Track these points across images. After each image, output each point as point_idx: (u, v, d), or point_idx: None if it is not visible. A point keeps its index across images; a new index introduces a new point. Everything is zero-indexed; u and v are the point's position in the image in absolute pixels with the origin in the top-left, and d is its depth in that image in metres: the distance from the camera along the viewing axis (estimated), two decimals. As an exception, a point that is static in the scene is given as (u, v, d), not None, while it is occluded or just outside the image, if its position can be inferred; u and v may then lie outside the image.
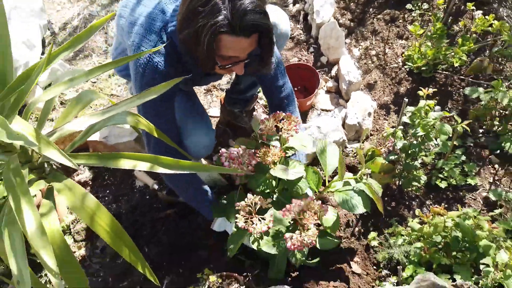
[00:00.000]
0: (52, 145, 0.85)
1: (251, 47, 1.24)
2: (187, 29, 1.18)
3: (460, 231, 1.40)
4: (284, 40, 1.77)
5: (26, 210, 1.00)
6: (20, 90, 0.94)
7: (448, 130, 1.49)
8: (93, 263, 1.80)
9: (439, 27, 2.00)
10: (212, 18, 1.11)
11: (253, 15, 1.13)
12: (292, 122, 1.49)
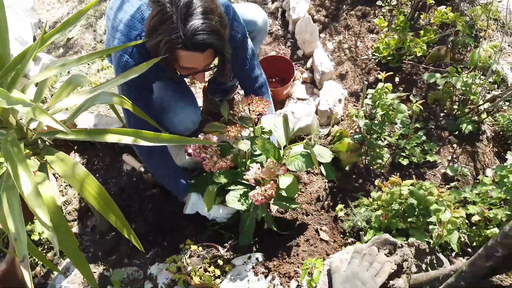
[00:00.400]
0: (45, 112, 1.00)
1: (206, 61, 1.42)
2: (150, 42, 1.35)
3: (414, 198, 1.56)
4: (263, 35, 1.94)
5: (22, 175, 1.14)
6: (17, 69, 1.09)
7: (404, 108, 1.66)
8: (84, 240, 1.94)
9: (402, 20, 2.17)
10: (168, 36, 1.28)
11: (203, 35, 1.29)
12: (260, 105, 1.66)
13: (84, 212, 2.01)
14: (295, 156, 1.62)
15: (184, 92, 1.93)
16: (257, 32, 1.86)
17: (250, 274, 1.61)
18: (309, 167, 1.58)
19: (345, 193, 1.92)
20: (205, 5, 1.29)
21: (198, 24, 1.27)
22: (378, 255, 1.29)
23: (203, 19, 1.28)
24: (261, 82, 1.83)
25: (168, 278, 1.70)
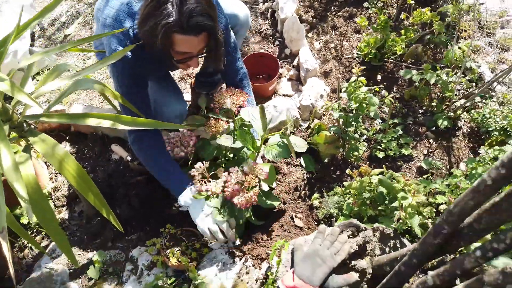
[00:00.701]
0: (22, 91, 1.08)
1: (201, 44, 1.49)
2: (143, 29, 1.41)
3: (383, 186, 1.62)
4: (245, 29, 2.01)
5: (3, 152, 1.22)
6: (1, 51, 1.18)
7: (375, 101, 1.73)
8: (71, 225, 2.02)
9: (383, 19, 2.25)
10: (164, 19, 1.35)
11: (199, 17, 1.36)
12: (240, 97, 1.73)
13: (72, 198, 2.09)
14: (272, 146, 1.69)
15: (170, 86, 2.01)
16: (239, 26, 1.94)
17: (226, 257, 1.68)
18: (286, 156, 1.64)
19: (323, 183, 1.99)
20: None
21: (193, 7, 1.34)
22: (340, 235, 1.35)
23: (196, 2, 1.35)
24: (242, 75, 1.91)
25: (148, 260, 1.77)
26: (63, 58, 2.88)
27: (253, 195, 1.54)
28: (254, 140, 1.69)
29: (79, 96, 2.60)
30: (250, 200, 1.51)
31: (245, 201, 1.52)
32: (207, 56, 1.57)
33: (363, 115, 2.19)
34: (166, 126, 1.46)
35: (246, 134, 1.72)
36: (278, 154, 1.65)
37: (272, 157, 1.65)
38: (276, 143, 1.70)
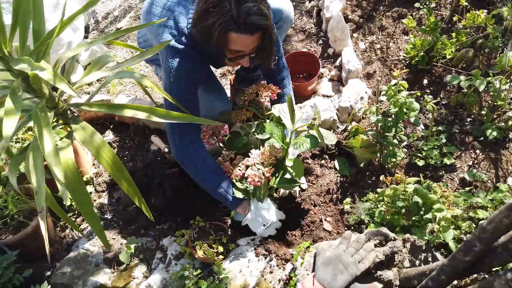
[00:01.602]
0: (64, 80, 1.14)
1: (254, 44, 1.49)
2: (200, 25, 1.43)
3: (418, 195, 1.55)
4: (288, 24, 1.99)
5: (46, 137, 1.30)
6: (47, 42, 1.25)
7: (416, 106, 1.65)
8: (108, 210, 2.11)
9: (433, 21, 2.14)
10: (221, 18, 1.36)
11: (256, 16, 1.37)
12: (269, 90, 1.73)
13: (112, 185, 2.19)
14: (301, 138, 1.65)
15: (214, 85, 2.03)
16: (283, 21, 1.92)
17: (251, 255, 1.68)
18: (314, 146, 1.58)
19: (356, 189, 1.94)
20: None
21: (251, 6, 1.35)
22: (366, 243, 1.31)
23: (254, 2, 1.37)
24: (285, 73, 1.88)
25: (176, 250, 1.81)
26: (114, 50, 3.01)
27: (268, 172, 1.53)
28: (283, 134, 1.67)
29: (125, 87, 2.71)
30: (260, 177, 1.51)
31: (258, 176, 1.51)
32: (259, 54, 1.57)
33: (405, 121, 2.11)
34: (201, 121, 1.48)
35: (275, 127, 1.70)
36: (307, 146, 1.60)
37: (303, 149, 1.62)
38: (303, 135, 1.66)
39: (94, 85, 2.73)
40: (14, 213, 1.89)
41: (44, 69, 1.10)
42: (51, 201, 1.58)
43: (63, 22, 1.22)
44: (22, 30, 1.34)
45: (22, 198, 1.91)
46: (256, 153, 1.59)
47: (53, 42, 1.24)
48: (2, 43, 1.24)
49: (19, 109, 1.14)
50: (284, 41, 2.78)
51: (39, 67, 1.10)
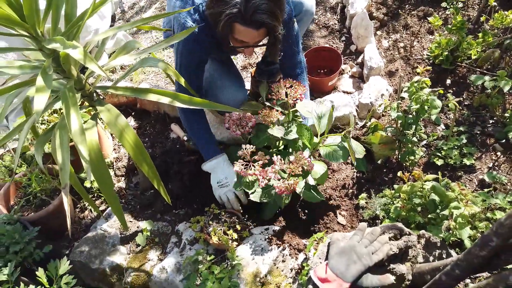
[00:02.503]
0: (93, 60, 1.18)
1: (259, 38, 1.53)
2: (210, 11, 1.48)
3: (435, 193, 1.54)
4: (309, 17, 2.00)
5: (73, 115, 1.34)
6: (78, 25, 1.30)
7: (438, 104, 1.64)
8: (127, 194, 2.16)
9: (459, 20, 2.11)
10: (229, 9, 1.40)
11: (262, 14, 1.40)
12: (298, 90, 1.72)
13: (131, 170, 2.24)
14: (332, 146, 1.66)
15: (232, 72, 2.07)
16: (303, 13, 1.94)
17: (265, 243, 1.70)
18: (344, 159, 1.61)
19: (373, 185, 1.93)
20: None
21: (259, 3, 1.38)
22: (380, 236, 1.31)
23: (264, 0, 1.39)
24: (300, 69, 1.90)
25: (191, 235, 1.85)
26: (138, 39, 3.07)
27: (294, 184, 1.54)
28: (312, 137, 1.68)
29: (147, 76, 2.76)
30: (290, 187, 1.52)
31: (285, 187, 1.53)
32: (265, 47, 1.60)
33: (425, 120, 2.09)
34: (221, 108, 1.50)
35: (305, 130, 1.71)
36: (336, 156, 1.62)
37: (329, 157, 1.63)
38: (335, 144, 1.66)
39: (117, 73, 2.79)
40: (37, 192, 1.96)
41: (76, 47, 1.14)
42: (74, 180, 1.63)
43: (95, 5, 1.26)
44: (54, 13, 1.38)
45: (46, 177, 1.98)
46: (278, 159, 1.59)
47: (84, 25, 1.28)
48: (37, 24, 1.28)
49: (50, 86, 1.18)
50: (307, 36, 2.78)
51: (72, 45, 1.14)
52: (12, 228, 1.71)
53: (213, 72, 2.01)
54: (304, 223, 1.76)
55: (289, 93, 1.73)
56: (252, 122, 1.79)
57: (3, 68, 1.42)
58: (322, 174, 1.65)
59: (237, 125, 1.80)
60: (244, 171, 1.61)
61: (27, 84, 1.48)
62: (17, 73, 1.44)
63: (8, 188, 1.96)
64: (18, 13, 1.22)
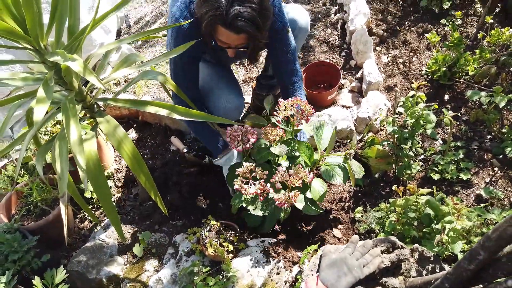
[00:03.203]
0: (93, 73, 1.22)
1: (240, 41, 1.59)
2: (198, 10, 1.54)
3: (430, 207, 1.55)
4: (303, 34, 2.04)
5: (72, 126, 1.37)
6: (80, 38, 1.34)
7: (433, 118, 1.66)
8: (126, 205, 2.19)
9: (457, 37, 2.14)
10: (213, 11, 1.46)
11: (242, 21, 1.45)
12: (304, 113, 1.73)
13: (131, 181, 2.27)
14: (332, 166, 1.67)
15: (229, 80, 2.10)
16: (297, 31, 1.97)
17: (260, 255, 1.71)
18: (344, 181, 1.61)
19: (369, 199, 1.94)
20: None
21: (241, 11, 1.43)
22: (372, 249, 1.32)
23: (246, 7, 1.43)
24: (297, 77, 1.91)
25: (188, 247, 1.86)
26: (143, 53, 3.14)
27: (293, 196, 1.56)
28: (312, 154, 1.70)
29: (150, 89, 2.81)
30: (290, 200, 1.53)
31: (284, 200, 1.54)
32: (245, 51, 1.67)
33: (423, 134, 2.11)
34: (220, 120, 1.53)
35: (306, 147, 1.72)
36: (336, 177, 1.63)
37: (328, 176, 1.64)
38: (336, 164, 1.67)
39: (121, 85, 2.85)
40: (38, 201, 1.99)
41: (75, 60, 1.18)
42: (73, 190, 1.65)
43: (96, 20, 1.30)
44: (58, 26, 1.43)
45: (46, 187, 2.01)
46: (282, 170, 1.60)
47: (85, 39, 1.32)
48: (40, 38, 1.33)
49: (50, 98, 1.22)
50: (307, 51, 2.83)
51: (71, 58, 1.19)
52: (11, 237, 1.74)
53: (209, 77, 2.05)
54: (300, 236, 1.76)
55: (295, 115, 1.73)
56: (254, 138, 1.78)
57: (7, 80, 1.47)
58: (322, 194, 1.65)
59: (238, 141, 1.79)
60: (245, 189, 1.62)
61: (31, 95, 1.52)
62: (20, 85, 1.49)
63: (10, 197, 1.99)
64: (22, 26, 1.27)
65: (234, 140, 1.77)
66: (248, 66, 2.85)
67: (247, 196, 1.67)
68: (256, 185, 1.64)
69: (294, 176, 1.61)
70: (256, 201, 1.68)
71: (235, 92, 2.04)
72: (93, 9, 2.59)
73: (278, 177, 1.62)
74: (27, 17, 1.20)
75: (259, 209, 1.68)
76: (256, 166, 1.69)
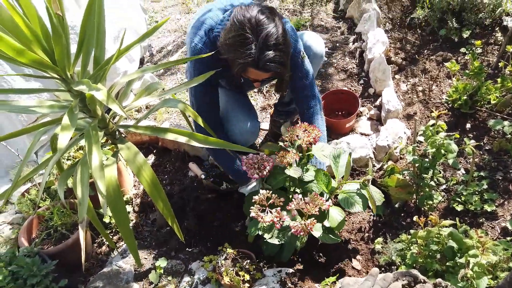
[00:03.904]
0: (115, 101, 1.26)
1: (268, 76, 1.66)
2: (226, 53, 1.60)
3: (453, 239, 1.50)
4: (319, 60, 2.07)
5: (94, 152, 1.41)
6: (105, 68, 1.39)
7: (454, 148, 1.63)
8: (144, 230, 2.19)
9: (477, 65, 2.12)
10: (244, 59, 1.53)
11: (273, 64, 1.53)
12: (311, 134, 1.74)
13: (149, 207, 2.28)
14: (350, 194, 1.65)
15: (244, 104, 2.13)
16: (312, 57, 2.00)
17: (277, 286, 1.67)
18: (363, 209, 1.60)
19: (390, 229, 1.89)
20: (279, 38, 1.53)
21: (272, 56, 1.52)
22: (393, 283, 1.28)
23: (276, 52, 1.52)
24: (314, 100, 1.92)
25: (204, 275, 1.84)
26: (164, 80, 3.22)
27: (310, 224, 1.53)
28: (330, 182, 1.68)
29: (171, 115, 2.86)
30: (306, 228, 1.51)
31: (301, 228, 1.52)
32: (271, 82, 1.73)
33: (444, 163, 2.07)
34: (237, 148, 1.54)
35: (323, 175, 1.72)
36: (354, 204, 1.61)
37: (346, 204, 1.62)
38: (354, 191, 1.66)
39: (142, 112, 2.91)
40: (58, 225, 2.01)
41: (100, 89, 1.22)
42: (92, 215, 1.68)
43: (121, 50, 1.35)
44: (84, 56, 1.49)
45: (67, 211, 2.04)
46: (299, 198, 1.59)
47: (110, 68, 1.37)
48: (67, 67, 1.39)
49: (74, 125, 1.26)
50: (325, 79, 2.85)
51: (96, 88, 1.23)
52: (31, 260, 1.76)
53: (225, 102, 2.07)
54: (318, 266, 1.73)
55: (301, 136, 1.75)
56: (270, 166, 1.79)
57: (35, 108, 1.52)
58: (340, 222, 1.63)
59: (255, 169, 1.80)
60: (262, 217, 1.61)
61: (56, 122, 1.57)
62: (47, 112, 1.54)
63: (31, 221, 2.03)
64: (51, 57, 1.33)
65: (251, 168, 1.78)
66: (266, 94, 2.89)
67: (264, 224, 1.66)
68: (272, 213, 1.63)
69: (310, 203, 1.59)
70: (273, 229, 1.67)
71: (250, 117, 2.06)
72: (118, 39, 2.70)
73: (294, 205, 1.61)
74: (56, 49, 1.26)
75: (275, 237, 1.66)
76: (273, 193, 1.69)
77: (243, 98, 2.15)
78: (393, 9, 3.14)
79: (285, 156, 1.73)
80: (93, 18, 1.41)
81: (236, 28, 1.53)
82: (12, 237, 2.15)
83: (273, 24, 1.52)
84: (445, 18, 2.82)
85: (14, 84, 2.27)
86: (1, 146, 2.38)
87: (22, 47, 1.21)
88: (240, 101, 2.09)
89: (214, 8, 1.79)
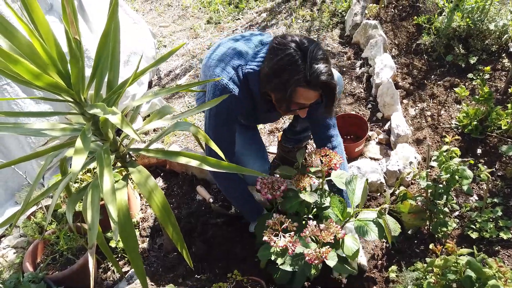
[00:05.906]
0: (129, 125, 1.25)
1: (316, 98, 1.62)
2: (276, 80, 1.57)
3: (471, 269, 1.46)
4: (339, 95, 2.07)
5: (106, 176, 1.39)
6: (119, 92, 1.39)
7: (469, 174, 1.60)
8: (150, 255, 2.15)
9: (487, 91, 2.13)
10: (295, 75, 1.51)
11: (325, 76, 1.52)
12: (333, 160, 1.72)
13: (156, 231, 2.25)
14: (366, 222, 1.62)
15: (256, 143, 2.11)
16: None
17: (288, 315, 1.62)
18: (380, 237, 1.57)
19: (403, 257, 1.85)
20: (324, 53, 1.55)
21: (323, 67, 1.51)
22: (413, 314, 1.23)
23: (324, 63, 1.53)
24: (337, 141, 1.91)
25: (212, 303, 1.79)
26: (172, 103, 3.23)
27: (324, 253, 1.50)
28: (345, 207, 1.66)
29: (178, 138, 2.86)
30: (320, 257, 1.48)
31: (315, 256, 1.48)
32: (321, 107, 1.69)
33: (457, 189, 2.04)
34: (249, 172, 1.52)
35: (339, 201, 1.69)
36: (371, 233, 1.58)
37: (363, 233, 1.59)
38: (370, 220, 1.63)
39: (150, 134, 2.91)
40: (64, 250, 1.98)
41: (115, 113, 1.21)
42: (101, 239, 1.65)
43: (137, 74, 1.36)
44: (98, 80, 1.50)
45: (73, 235, 2.00)
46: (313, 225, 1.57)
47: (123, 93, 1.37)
48: (81, 91, 1.39)
49: (88, 149, 1.24)
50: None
51: (112, 111, 1.22)
52: (36, 287, 1.72)
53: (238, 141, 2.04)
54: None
55: (323, 161, 1.73)
56: (284, 186, 1.77)
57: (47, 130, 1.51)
58: (355, 251, 1.59)
59: (269, 188, 1.78)
60: (275, 241, 1.58)
61: (66, 145, 1.56)
62: (58, 135, 1.53)
63: (37, 245, 1.99)
64: (66, 81, 1.33)
65: (265, 188, 1.76)
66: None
67: (277, 248, 1.62)
68: (286, 238, 1.59)
69: (325, 231, 1.56)
70: (286, 254, 1.63)
71: (261, 159, 2.05)
72: (128, 63, 2.72)
73: (308, 231, 1.57)
74: (72, 73, 1.26)
75: (288, 264, 1.62)
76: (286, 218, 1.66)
77: (255, 135, 2.13)
78: (399, 35, 3.17)
79: (301, 180, 1.72)
80: (109, 42, 1.42)
81: (280, 52, 1.53)
82: (16, 261, 2.11)
83: (314, 43, 1.54)
84: (452, 44, 2.85)
85: (24, 106, 2.28)
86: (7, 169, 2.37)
87: (39, 71, 1.22)
88: (252, 139, 2.07)
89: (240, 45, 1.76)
